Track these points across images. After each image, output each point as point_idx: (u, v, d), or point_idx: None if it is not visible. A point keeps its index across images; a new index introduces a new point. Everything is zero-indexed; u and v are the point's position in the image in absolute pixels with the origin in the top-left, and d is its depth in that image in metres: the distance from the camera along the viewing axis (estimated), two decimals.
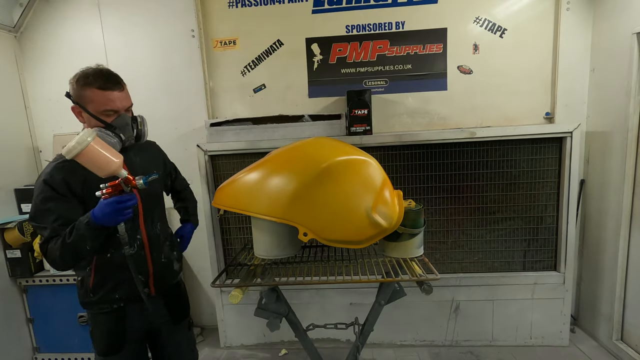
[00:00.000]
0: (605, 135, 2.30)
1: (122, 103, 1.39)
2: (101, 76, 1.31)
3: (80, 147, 1.20)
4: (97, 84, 1.30)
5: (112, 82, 1.33)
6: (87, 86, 1.29)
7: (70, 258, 1.27)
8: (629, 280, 2.21)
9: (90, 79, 1.29)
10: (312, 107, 2.57)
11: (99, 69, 1.33)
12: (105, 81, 1.31)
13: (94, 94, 1.30)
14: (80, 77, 1.30)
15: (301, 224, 1.28)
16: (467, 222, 2.40)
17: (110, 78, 1.33)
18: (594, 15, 2.33)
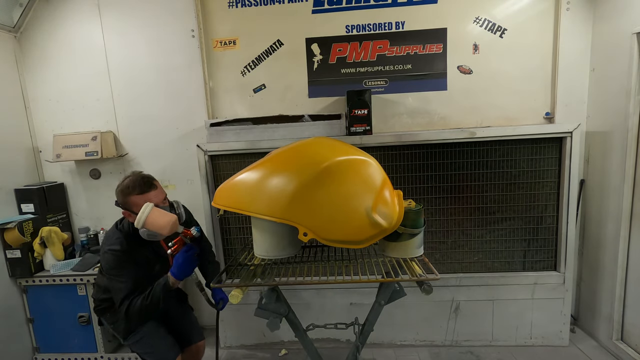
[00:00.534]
0: (605, 135, 2.30)
1: (157, 198, 1.66)
2: (138, 184, 1.63)
3: (144, 215, 1.51)
4: (137, 191, 1.61)
5: (147, 186, 1.64)
6: (129, 195, 1.61)
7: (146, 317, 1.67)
8: (629, 280, 2.21)
9: (130, 189, 1.62)
10: (312, 107, 2.57)
11: (135, 178, 1.65)
12: (142, 188, 1.62)
13: (136, 199, 1.61)
14: (123, 189, 1.63)
15: (301, 224, 1.27)
16: (467, 222, 2.40)
17: (145, 183, 1.65)
18: (594, 15, 2.33)
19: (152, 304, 1.56)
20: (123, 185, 1.64)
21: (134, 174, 1.69)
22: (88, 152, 2.55)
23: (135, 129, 2.68)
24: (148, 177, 1.69)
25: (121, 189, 1.64)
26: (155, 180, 1.70)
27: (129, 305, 1.57)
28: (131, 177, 1.66)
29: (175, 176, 2.71)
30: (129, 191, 1.61)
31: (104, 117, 2.68)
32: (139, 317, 1.59)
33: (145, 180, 1.66)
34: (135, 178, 1.65)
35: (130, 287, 1.58)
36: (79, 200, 2.80)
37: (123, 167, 2.73)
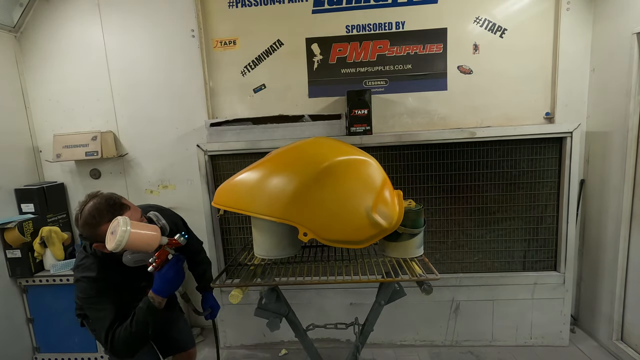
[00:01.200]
0: (605, 135, 2.30)
1: (134, 219, 1.37)
2: (106, 210, 1.33)
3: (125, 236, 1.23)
4: (106, 219, 1.32)
5: (117, 209, 1.36)
6: (98, 226, 1.33)
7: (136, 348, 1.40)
8: (629, 280, 2.21)
9: (97, 218, 1.33)
10: (312, 107, 2.57)
11: (99, 203, 1.35)
12: (111, 212, 1.34)
13: (107, 228, 1.30)
14: (88, 220, 1.33)
15: (301, 224, 1.27)
16: (467, 222, 2.40)
17: (113, 206, 1.36)
18: (594, 15, 2.33)
19: (138, 331, 1.34)
20: (86, 215, 1.32)
21: (94, 197, 1.37)
22: (88, 152, 2.55)
23: (135, 129, 2.68)
24: (114, 197, 1.39)
25: (85, 220, 1.32)
26: (124, 199, 1.42)
27: (112, 339, 1.34)
28: (93, 203, 1.34)
29: (175, 176, 2.71)
30: (96, 220, 1.32)
31: (104, 117, 2.68)
32: (127, 349, 1.36)
33: (111, 202, 1.36)
34: (99, 203, 1.34)
35: (112, 316, 1.36)
36: (79, 200, 2.79)
37: (123, 167, 2.73)
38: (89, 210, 1.33)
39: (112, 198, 1.38)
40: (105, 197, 1.37)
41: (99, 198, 1.36)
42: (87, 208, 1.33)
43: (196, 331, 2.79)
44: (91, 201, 1.35)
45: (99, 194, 1.39)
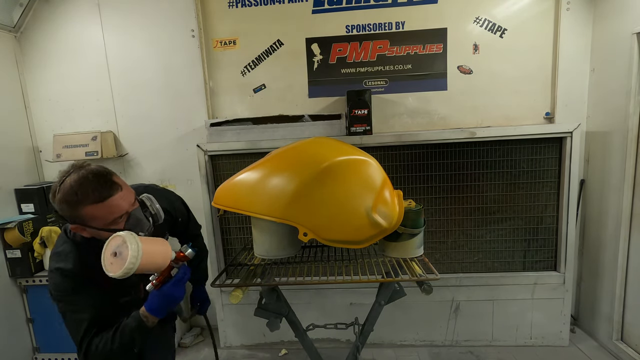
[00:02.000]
0: (605, 135, 2.30)
1: (127, 202, 1.13)
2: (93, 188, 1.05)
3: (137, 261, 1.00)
4: (91, 199, 1.05)
5: (108, 187, 1.07)
6: (80, 205, 1.05)
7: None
8: (629, 280, 2.21)
9: (80, 197, 1.04)
10: (312, 107, 2.57)
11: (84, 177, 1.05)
12: (101, 190, 1.06)
13: (93, 210, 1.06)
14: (67, 197, 1.04)
15: (301, 224, 1.27)
16: (467, 222, 2.40)
17: (104, 184, 1.07)
18: (594, 15, 2.33)
19: (121, 349, 1.10)
20: (66, 190, 1.04)
21: (79, 169, 1.08)
22: (88, 152, 2.55)
23: (135, 129, 2.68)
24: (103, 172, 1.11)
25: (64, 196, 1.04)
26: (115, 176, 1.15)
27: (88, 349, 1.10)
28: (77, 176, 1.05)
29: (175, 176, 2.71)
30: (78, 199, 1.04)
31: (104, 117, 2.68)
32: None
33: (101, 178, 1.08)
34: (84, 177, 1.05)
35: (89, 319, 1.10)
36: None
37: (123, 167, 2.73)
38: (71, 184, 1.04)
39: (101, 173, 1.09)
40: (93, 170, 1.08)
41: (85, 171, 1.07)
42: (68, 181, 1.04)
43: (196, 331, 2.79)
44: (75, 173, 1.06)
45: (85, 165, 1.09)
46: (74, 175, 1.06)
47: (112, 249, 1.02)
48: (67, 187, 1.05)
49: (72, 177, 1.06)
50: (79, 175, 1.06)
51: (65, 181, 1.06)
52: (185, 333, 2.76)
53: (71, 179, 1.06)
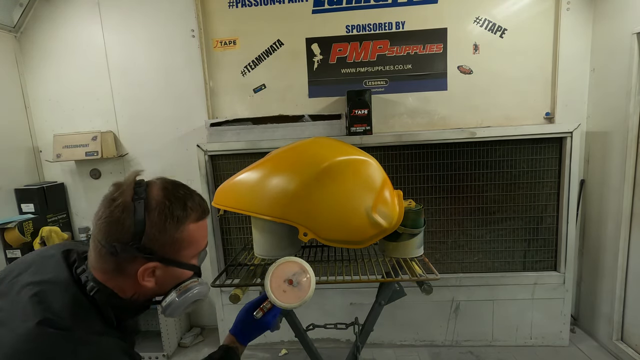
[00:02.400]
0: (605, 135, 2.30)
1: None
2: (196, 203, 0.83)
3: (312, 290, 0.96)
4: (198, 212, 0.82)
5: (205, 205, 0.86)
6: (185, 222, 0.79)
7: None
8: (629, 280, 2.21)
9: (189, 209, 0.80)
10: (312, 107, 2.57)
11: (171, 183, 0.83)
12: (202, 206, 0.84)
13: (195, 230, 0.82)
14: (174, 210, 0.77)
15: (301, 224, 1.27)
16: (467, 222, 2.40)
17: (200, 198, 0.85)
18: (594, 15, 2.33)
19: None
20: (169, 204, 0.77)
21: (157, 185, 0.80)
22: (88, 152, 2.55)
23: (135, 129, 2.68)
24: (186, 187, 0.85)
25: (168, 209, 0.76)
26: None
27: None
28: (163, 184, 0.80)
29: (175, 176, 2.66)
30: (187, 213, 0.79)
31: (104, 117, 2.68)
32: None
33: (195, 194, 0.85)
34: (174, 183, 0.83)
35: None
36: (79, 200, 2.80)
37: (123, 167, 2.73)
38: (168, 196, 0.78)
39: (185, 187, 0.85)
40: (173, 183, 0.83)
41: (162, 179, 0.83)
42: (156, 191, 0.78)
43: (196, 331, 2.79)
44: (154, 184, 0.80)
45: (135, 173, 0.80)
46: (157, 184, 0.80)
47: (287, 276, 0.96)
48: (168, 196, 0.78)
49: (158, 186, 0.79)
50: (164, 182, 0.81)
51: (155, 191, 0.77)
52: (185, 333, 2.76)
53: (160, 188, 0.78)
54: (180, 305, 0.83)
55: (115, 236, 0.74)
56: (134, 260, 0.75)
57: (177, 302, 0.82)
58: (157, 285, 0.81)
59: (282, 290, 0.96)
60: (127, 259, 0.75)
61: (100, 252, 0.75)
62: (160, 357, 2.50)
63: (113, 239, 0.74)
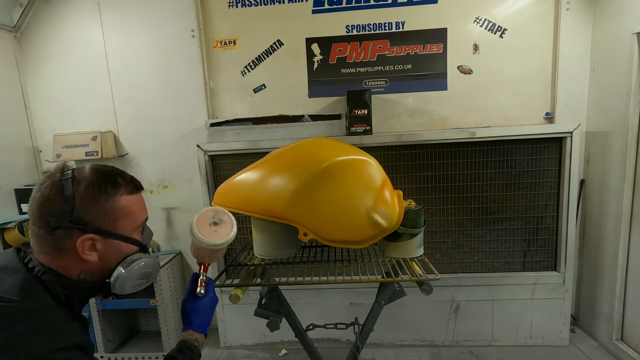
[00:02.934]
0: (605, 135, 2.30)
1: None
2: (125, 177, 0.86)
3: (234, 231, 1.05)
4: (131, 186, 0.85)
5: (137, 182, 0.89)
6: (117, 193, 0.82)
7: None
8: (629, 280, 2.21)
9: (119, 182, 0.83)
10: (312, 107, 2.57)
11: (99, 165, 0.86)
12: (133, 182, 0.87)
13: (130, 202, 0.84)
14: (103, 181, 0.81)
15: (301, 224, 1.28)
16: (467, 222, 2.40)
17: (131, 177, 0.88)
18: (594, 15, 2.33)
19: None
20: (99, 177, 0.82)
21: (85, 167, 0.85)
22: (88, 152, 2.55)
23: (135, 129, 2.68)
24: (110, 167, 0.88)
25: (97, 180, 0.81)
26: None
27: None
28: (92, 166, 0.85)
29: (175, 176, 2.71)
30: (118, 185, 0.83)
31: (104, 117, 2.68)
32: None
33: (126, 173, 0.88)
34: (102, 166, 0.86)
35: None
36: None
37: (123, 167, 2.73)
38: (98, 170, 0.84)
39: (108, 167, 0.88)
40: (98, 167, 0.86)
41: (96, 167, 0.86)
42: (87, 171, 0.83)
43: None
44: (81, 167, 0.85)
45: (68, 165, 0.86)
46: (85, 167, 0.85)
47: (209, 220, 1.04)
48: (95, 173, 0.82)
49: (87, 167, 0.85)
50: (92, 165, 0.86)
51: (83, 171, 0.83)
52: None
53: (88, 168, 0.84)
54: (127, 278, 0.83)
55: (47, 213, 0.76)
56: (71, 235, 0.77)
57: (124, 274, 0.82)
58: (100, 260, 0.81)
59: (214, 231, 1.02)
60: (63, 235, 0.77)
61: (38, 234, 0.78)
62: (160, 357, 2.50)
63: (46, 216, 0.76)
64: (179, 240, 2.79)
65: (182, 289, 2.80)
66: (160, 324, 2.49)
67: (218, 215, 1.05)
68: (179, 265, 2.75)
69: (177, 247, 2.80)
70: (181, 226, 2.76)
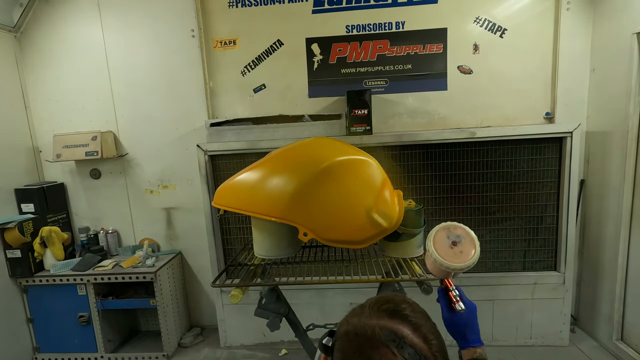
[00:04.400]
0: (605, 135, 2.30)
1: None
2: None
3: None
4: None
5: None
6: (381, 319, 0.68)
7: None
8: (629, 280, 2.21)
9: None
10: (312, 107, 2.57)
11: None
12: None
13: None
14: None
15: (301, 224, 1.27)
16: (467, 222, 2.36)
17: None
18: (594, 15, 2.33)
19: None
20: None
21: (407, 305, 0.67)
22: (88, 152, 2.55)
23: (136, 129, 2.68)
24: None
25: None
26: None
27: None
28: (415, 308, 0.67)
29: (175, 176, 2.71)
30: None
31: (104, 117, 2.68)
32: None
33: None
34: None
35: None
36: (79, 200, 2.80)
37: (123, 167, 2.73)
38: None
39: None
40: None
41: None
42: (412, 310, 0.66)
43: (196, 331, 2.79)
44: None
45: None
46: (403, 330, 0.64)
47: (447, 241, 1.00)
48: (423, 314, 0.68)
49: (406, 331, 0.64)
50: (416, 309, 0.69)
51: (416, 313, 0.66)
52: (185, 333, 2.76)
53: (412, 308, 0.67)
54: None
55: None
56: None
57: None
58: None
59: (459, 252, 0.97)
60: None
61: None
62: (160, 357, 2.50)
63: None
64: (179, 240, 2.79)
65: (182, 289, 2.80)
66: (160, 324, 2.49)
67: (452, 232, 1.01)
68: (179, 265, 2.75)
69: (177, 247, 2.80)
70: (181, 226, 2.77)
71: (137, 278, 2.40)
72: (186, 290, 2.86)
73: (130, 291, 2.61)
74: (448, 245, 0.99)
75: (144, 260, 2.51)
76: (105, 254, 2.65)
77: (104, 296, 2.48)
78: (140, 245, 2.70)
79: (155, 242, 2.79)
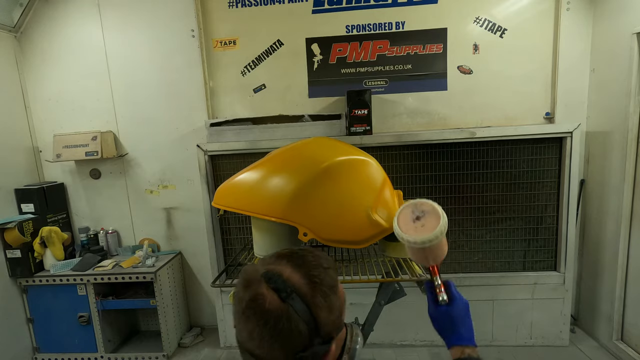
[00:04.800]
0: (605, 135, 2.30)
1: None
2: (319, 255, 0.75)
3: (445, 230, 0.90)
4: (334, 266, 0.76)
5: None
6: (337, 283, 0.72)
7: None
8: (629, 280, 2.21)
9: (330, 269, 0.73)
10: (312, 107, 2.57)
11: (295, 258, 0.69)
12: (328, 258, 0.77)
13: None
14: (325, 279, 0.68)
15: (301, 223, 1.27)
16: (467, 222, 2.40)
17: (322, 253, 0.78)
18: (594, 15, 2.33)
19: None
20: (308, 285, 0.65)
21: (285, 269, 0.67)
22: (88, 152, 2.55)
23: (135, 129, 2.68)
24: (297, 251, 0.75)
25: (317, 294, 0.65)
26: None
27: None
28: (293, 270, 0.66)
29: (175, 176, 2.71)
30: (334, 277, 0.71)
31: (104, 117, 2.68)
32: None
33: (310, 252, 0.74)
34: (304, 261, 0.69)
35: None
36: (79, 200, 2.80)
37: (123, 167, 2.73)
38: (318, 254, 0.72)
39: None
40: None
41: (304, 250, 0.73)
42: (292, 271, 0.66)
43: (196, 331, 2.79)
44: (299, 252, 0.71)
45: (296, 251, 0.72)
46: (283, 269, 0.67)
47: (411, 216, 0.94)
48: (305, 269, 0.67)
49: (287, 269, 0.67)
50: (283, 258, 0.70)
51: (292, 276, 0.65)
52: (185, 333, 2.76)
53: (290, 269, 0.67)
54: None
55: (294, 350, 0.62)
56: (325, 356, 0.66)
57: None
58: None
59: (420, 226, 0.91)
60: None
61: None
62: (160, 357, 2.50)
63: (294, 354, 0.62)
64: (179, 240, 2.79)
65: (182, 289, 2.80)
66: (160, 324, 2.49)
67: (418, 207, 0.93)
68: (179, 265, 2.75)
69: (177, 247, 2.80)
70: (181, 226, 2.76)
71: (137, 278, 2.40)
72: (186, 290, 2.86)
73: (130, 291, 2.61)
74: (412, 219, 0.94)
75: (144, 261, 2.51)
76: (105, 254, 2.65)
77: (103, 296, 2.48)
78: (140, 245, 2.70)
79: (155, 242, 2.79)
